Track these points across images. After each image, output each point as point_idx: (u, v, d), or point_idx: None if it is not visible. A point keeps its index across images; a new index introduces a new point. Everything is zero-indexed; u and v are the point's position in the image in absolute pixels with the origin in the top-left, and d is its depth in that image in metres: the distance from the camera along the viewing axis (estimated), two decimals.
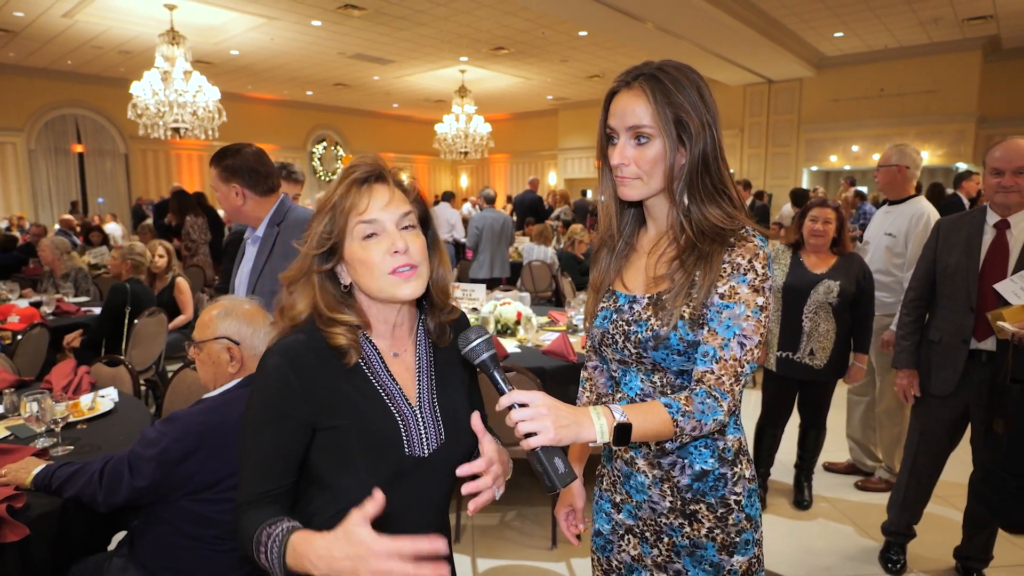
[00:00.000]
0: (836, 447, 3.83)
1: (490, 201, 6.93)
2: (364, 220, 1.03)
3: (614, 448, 1.29)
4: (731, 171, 1.19)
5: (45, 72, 11.92)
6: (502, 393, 0.96)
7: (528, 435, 0.91)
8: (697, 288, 1.11)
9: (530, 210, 8.89)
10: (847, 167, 12.52)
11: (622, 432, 0.97)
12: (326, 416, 1.02)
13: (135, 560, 1.63)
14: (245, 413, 1.06)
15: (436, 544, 0.84)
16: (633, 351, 1.17)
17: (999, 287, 2.19)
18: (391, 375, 1.09)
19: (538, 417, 0.92)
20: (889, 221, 3.24)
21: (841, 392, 3.64)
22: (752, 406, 4.32)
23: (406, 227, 1.06)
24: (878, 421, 3.36)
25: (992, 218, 2.30)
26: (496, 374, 0.99)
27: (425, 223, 1.13)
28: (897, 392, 2.58)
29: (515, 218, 9.48)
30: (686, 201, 1.13)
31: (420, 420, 1.09)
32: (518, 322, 3.43)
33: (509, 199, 14.02)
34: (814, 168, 12.94)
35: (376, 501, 0.86)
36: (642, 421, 1.00)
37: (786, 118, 12.80)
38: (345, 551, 0.85)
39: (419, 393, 1.11)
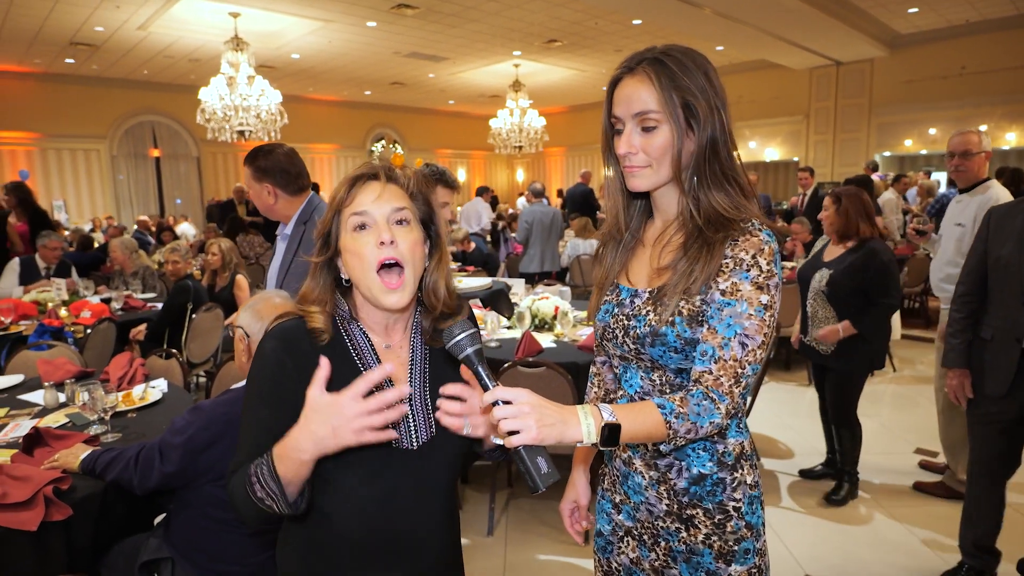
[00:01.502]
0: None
1: (538, 195, 6.93)
2: (355, 212, 1.05)
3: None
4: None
5: (124, 82, 12.70)
6: (486, 389, 0.95)
7: (511, 433, 0.90)
8: (694, 280, 1.07)
9: (581, 203, 8.79)
10: (923, 151, 11.78)
11: (610, 433, 0.95)
12: None
13: (168, 541, 1.72)
14: (244, 392, 1.10)
15: (384, 369, 0.94)
16: (632, 347, 1.14)
17: None
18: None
19: (520, 415, 0.90)
20: (959, 210, 3.06)
21: (910, 391, 3.43)
22: None
23: (399, 222, 1.07)
24: (940, 419, 3.17)
25: None
26: (480, 369, 0.98)
27: (427, 223, 1.13)
28: (948, 393, 2.42)
29: (566, 211, 9.40)
30: (695, 188, 1.10)
31: (410, 413, 1.09)
32: (555, 317, 3.41)
33: (560, 193, 13.92)
34: (887, 154, 12.23)
35: (324, 367, 0.95)
36: (632, 422, 0.97)
37: (856, 102, 12.13)
38: (320, 420, 0.92)
39: (410, 386, 1.12)
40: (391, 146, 17.81)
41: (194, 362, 4.12)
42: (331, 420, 0.91)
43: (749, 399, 3.21)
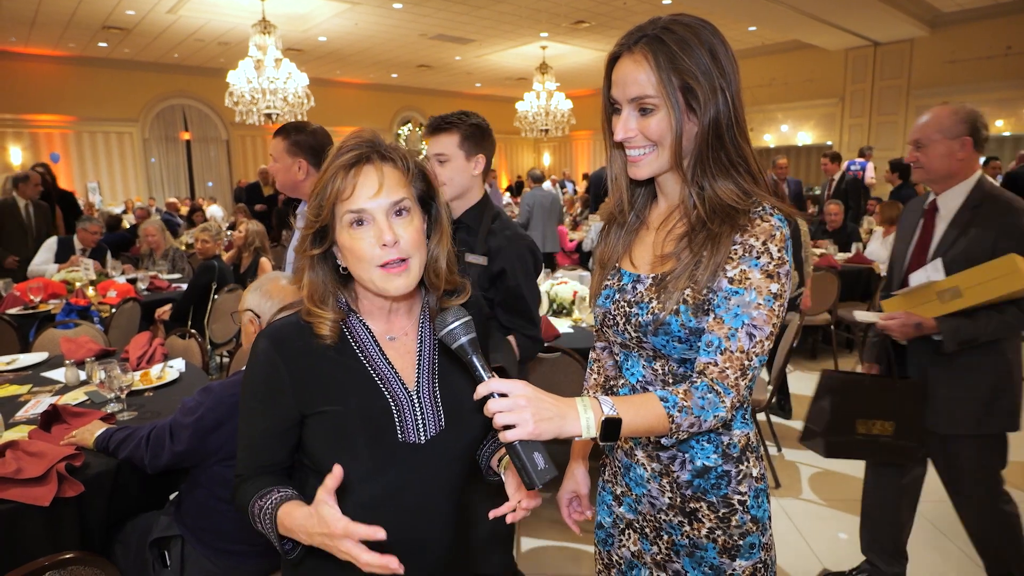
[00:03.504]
0: None
1: (538, 180, 7.37)
2: (351, 209, 0.98)
3: None
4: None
5: (155, 66, 12.88)
6: (480, 381, 0.92)
7: (507, 427, 0.87)
8: (702, 269, 1.02)
9: (606, 187, 8.72)
10: None
11: (610, 427, 0.91)
12: (315, 402, 1.02)
13: (179, 519, 1.74)
14: (240, 392, 1.08)
15: (376, 533, 0.86)
16: (633, 335, 1.10)
17: (912, 278, 1.99)
18: (386, 358, 1.07)
19: (516, 409, 0.87)
20: None
21: None
22: None
23: (399, 212, 1.00)
24: None
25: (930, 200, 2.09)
26: (475, 359, 0.95)
27: (427, 200, 1.08)
28: None
29: (590, 195, 9.31)
30: (697, 176, 1.04)
31: (417, 405, 1.06)
32: (573, 302, 3.37)
33: (585, 176, 13.76)
34: None
35: (335, 475, 0.90)
36: (633, 416, 0.94)
37: (894, 83, 11.70)
38: (317, 528, 0.89)
39: (418, 377, 1.08)
40: (417, 129, 17.81)
41: (216, 342, 4.18)
42: (325, 539, 0.88)
43: (771, 390, 3.13)
